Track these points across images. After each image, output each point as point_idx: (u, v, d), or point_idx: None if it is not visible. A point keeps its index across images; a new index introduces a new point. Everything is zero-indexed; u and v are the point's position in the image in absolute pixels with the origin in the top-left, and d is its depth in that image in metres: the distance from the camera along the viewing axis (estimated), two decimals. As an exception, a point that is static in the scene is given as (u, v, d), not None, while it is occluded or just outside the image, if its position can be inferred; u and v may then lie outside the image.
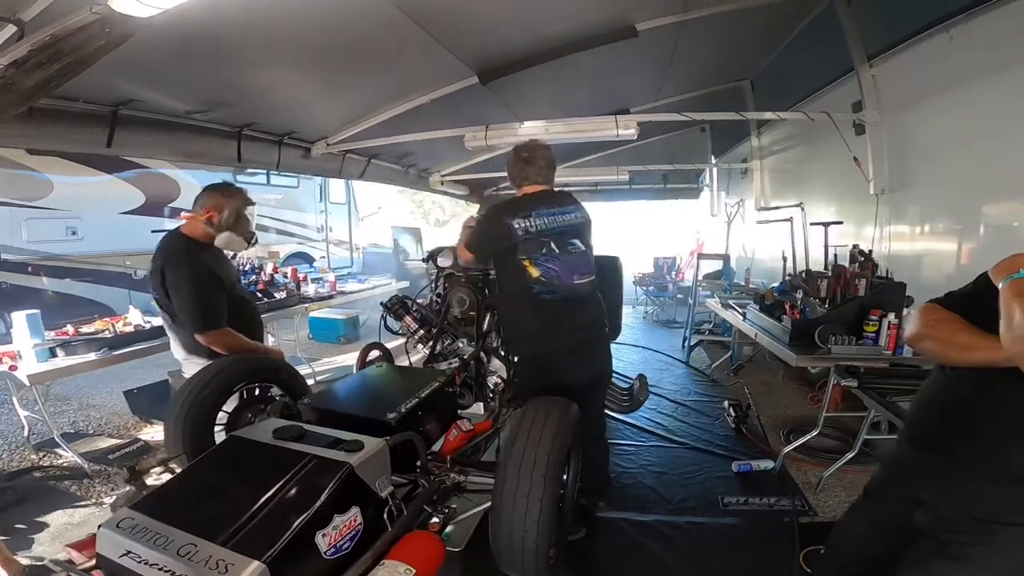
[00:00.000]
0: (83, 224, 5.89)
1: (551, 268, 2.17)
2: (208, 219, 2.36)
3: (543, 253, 2.16)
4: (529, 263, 2.16)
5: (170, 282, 2.26)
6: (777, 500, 2.80)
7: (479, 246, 2.34)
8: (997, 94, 2.56)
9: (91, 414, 4.24)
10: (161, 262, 2.30)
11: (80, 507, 2.82)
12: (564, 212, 2.24)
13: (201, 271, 2.29)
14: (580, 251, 2.24)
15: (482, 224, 2.38)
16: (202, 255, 2.35)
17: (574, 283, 2.21)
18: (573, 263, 2.21)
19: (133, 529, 1.15)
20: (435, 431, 1.92)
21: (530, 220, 2.15)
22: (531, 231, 2.15)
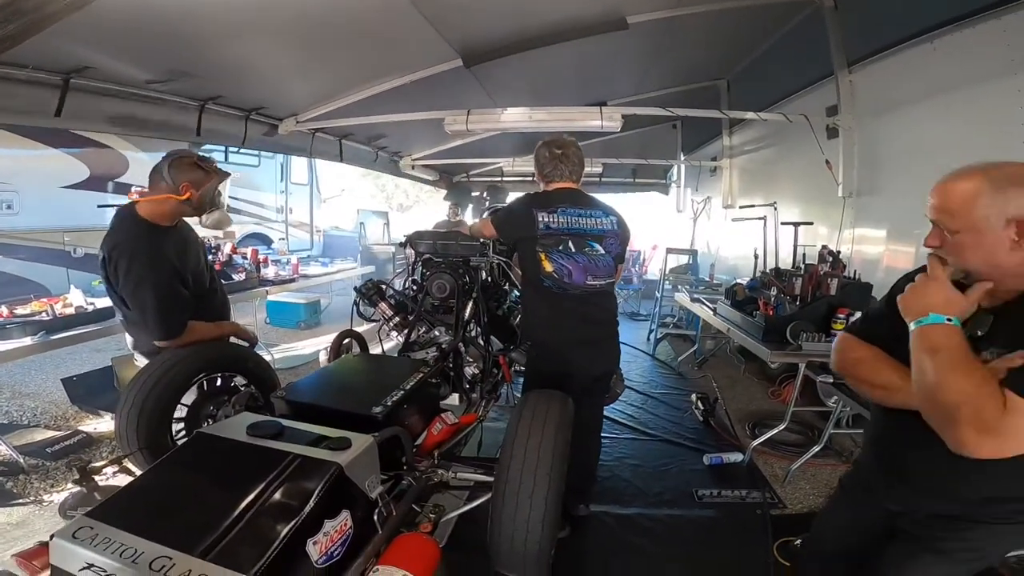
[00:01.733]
0: (19, 198, 5.43)
1: (564, 266, 2.19)
2: (187, 199, 1.99)
3: (559, 250, 2.19)
4: (544, 256, 2.19)
5: (124, 277, 1.90)
6: (748, 493, 2.86)
7: (503, 226, 2.37)
8: (970, 106, 2.64)
9: (25, 403, 3.92)
10: (113, 251, 1.92)
11: (18, 505, 2.61)
12: (590, 215, 2.24)
13: (164, 267, 1.95)
14: (598, 255, 2.23)
15: (513, 207, 2.43)
16: (163, 244, 1.99)
17: (586, 283, 2.22)
18: (588, 265, 2.21)
19: (93, 539, 1.02)
20: (418, 425, 1.83)
21: (553, 216, 2.19)
22: (552, 226, 2.19)
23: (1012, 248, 1.00)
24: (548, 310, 2.27)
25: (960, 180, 1.05)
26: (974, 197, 1.01)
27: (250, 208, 8.78)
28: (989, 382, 0.95)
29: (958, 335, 1.02)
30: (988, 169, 1.03)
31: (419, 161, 6.18)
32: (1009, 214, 0.98)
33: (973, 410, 0.94)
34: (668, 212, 8.05)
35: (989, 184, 1.00)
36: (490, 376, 2.54)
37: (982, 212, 1.00)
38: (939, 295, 1.06)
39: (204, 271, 2.22)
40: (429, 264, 2.64)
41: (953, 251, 1.07)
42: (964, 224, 1.03)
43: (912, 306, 1.10)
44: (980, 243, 1.02)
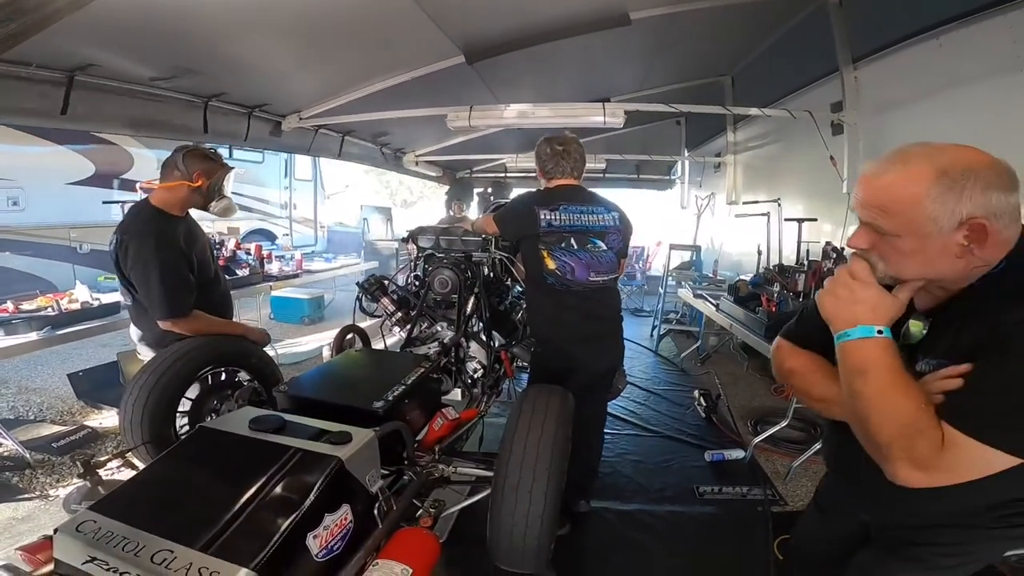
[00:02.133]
0: (25, 194, 5.46)
1: (567, 263, 2.20)
2: (199, 187, 2.14)
3: (562, 247, 2.20)
4: (547, 254, 2.21)
5: (133, 259, 2.00)
6: (749, 489, 2.86)
7: (504, 224, 2.38)
8: (976, 102, 2.62)
9: (31, 398, 3.95)
10: (125, 235, 2.05)
11: (24, 500, 2.63)
12: (592, 212, 2.25)
13: (171, 250, 2.06)
14: (601, 251, 2.24)
15: (514, 205, 2.45)
16: (174, 230, 2.11)
17: (588, 280, 2.23)
18: (590, 261, 2.22)
19: (96, 533, 1.02)
20: (419, 420, 1.83)
21: (556, 213, 2.20)
22: (554, 224, 2.19)
23: (959, 255, 0.84)
24: (552, 307, 2.28)
25: (901, 170, 0.85)
26: (920, 193, 0.82)
27: (254, 204, 8.80)
28: (924, 412, 0.83)
29: (890, 352, 0.88)
30: (933, 155, 0.84)
31: (422, 157, 6.18)
32: (963, 214, 0.81)
33: (906, 445, 0.83)
34: (672, 208, 8.03)
35: (939, 176, 0.82)
36: (492, 371, 2.55)
37: (929, 212, 0.82)
38: (866, 301, 0.90)
39: (209, 262, 2.30)
40: (431, 259, 2.64)
41: (886, 256, 0.90)
42: (904, 226, 0.85)
43: (835, 313, 0.93)
44: (921, 249, 0.86)
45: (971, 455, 0.80)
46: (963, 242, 0.83)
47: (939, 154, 0.84)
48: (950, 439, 0.81)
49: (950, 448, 0.81)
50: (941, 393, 0.85)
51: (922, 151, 0.86)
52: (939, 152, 0.85)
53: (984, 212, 0.81)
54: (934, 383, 0.86)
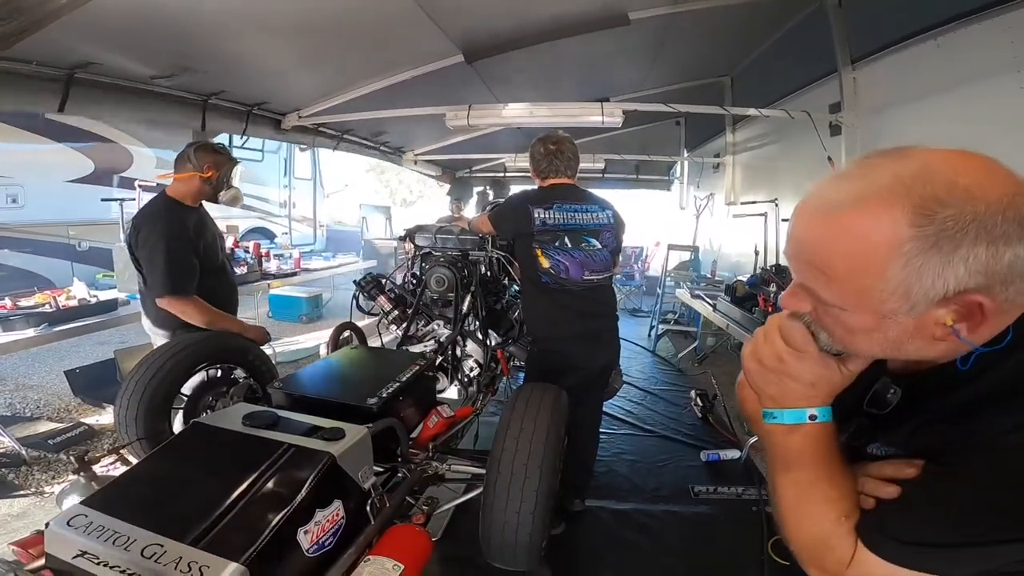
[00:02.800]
0: (25, 192, 5.47)
1: (560, 261, 2.21)
2: (209, 178, 2.30)
3: (556, 246, 2.21)
4: (541, 253, 2.21)
5: (143, 240, 2.14)
6: (744, 489, 2.87)
7: (499, 222, 2.39)
8: (975, 103, 2.61)
9: (28, 395, 3.96)
10: (139, 219, 2.22)
11: (19, 497, 2.64)
12: (585, 210, 2.26)
13: (180, 233, 2.18)
14: (595, 249, 2.25)
15: (509, 204, 2.46)
16: (185, 218, 2.25)
17: (583, 278, 2.23)
18: (585, 260, 2.23)
19: (87, 527, 1.02)
20: (414, 418, 1.84)
21: (549, 212, 2.21)
22: (548, 223, 2.21)
23: (940, 337, 0.58)
24: (547, 306, 2.29)
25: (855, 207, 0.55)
26: (884, 254, 0.53)
27: (254, 203, 8.80)
28: (841, 526, 0.67)
29: (822, 444, 0.69)
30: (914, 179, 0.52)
31: (421, 156, 6.18)
32: (950, 286, 0.52)
33: (815, 556, 0.70)
34: (671, 209, 8.04)
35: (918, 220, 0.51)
36: (488, 370, 2.55)
37: (895, 283, 0.54)
38: (800, 377, 0.68)
39: (217, 251, 2.41)
40: (428, 258, 2.65)
41: (829, 328, 0.65)
42: (854, 300, 0.58)
43: (760, 386, 0.72)
44: (879, 328, 0.59)
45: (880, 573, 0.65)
46: (947, 322, 0.56)
47: (925, 174, 0.52)
48: (860, 557, 0.66)
49: (858, 566, 0.66)
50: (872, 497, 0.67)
51: (895, 166, 0.55)
52: (925, 171, 0.53)
53: (986, 280, 0.52)
54: (869, 483, 0.68)
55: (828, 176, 0.61)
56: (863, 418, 0.77)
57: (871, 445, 0.74)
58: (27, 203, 5.49)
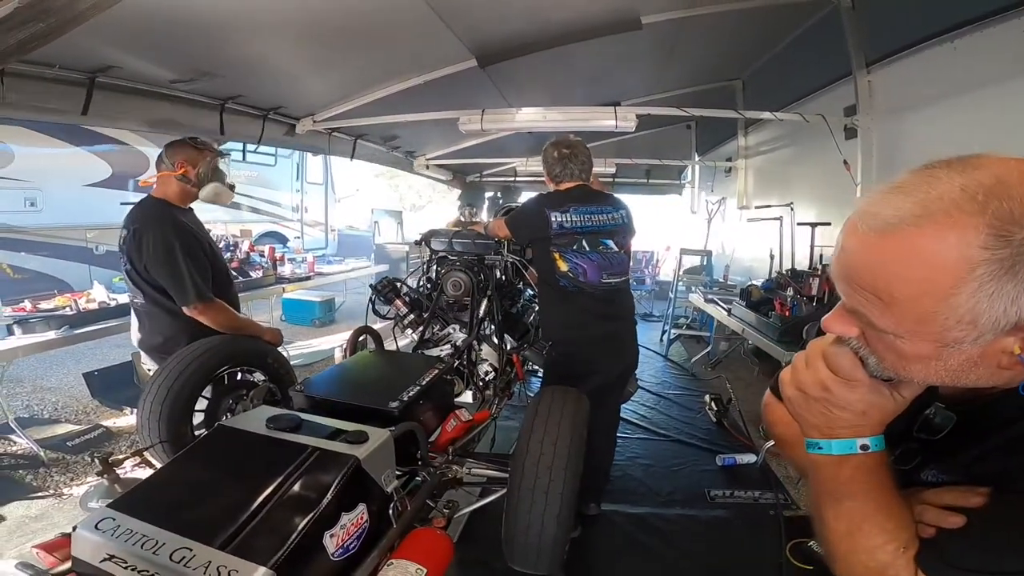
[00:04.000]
0: (43, 195, 5.56)
1: (579, 264, 2.22)
2: (183, 174, 2.16)
3: (573, 249, 2.22)
4: (559, 256, 2.23)
5: (153, 247, 2.01)
6: (761, 493, 2.85)
7: (516, 227, 2.39)
8: (993, 106, 2.59)
9: (47, 397, 4.01)
10: (137, 226, 2.06)
11: (38, 498, 2.66)
12: (601, 212, 2.26)
13: (187, 236, 2.09)
14: (612, 252, 2.26)
15: (526, 208, 2.45)
16: (183, 219, 2.17)
17: (601, 281, 2.24)
18: (602, 263, 2.24)
19: (115, 531, 1.02)
20: (433, 421, 1.84)
21: (566, 216, 2.21)
22: (565, 226, 2.22)
23: (1006, 366, 0.53)
24: (565, 310, 2.29)
25: (918, 222, 0.49)
26: (953, 279, 0.48)
27: (267, 207, 8.89)
28: (899, 559, 0.61)
29: (876, 475, 0.64)
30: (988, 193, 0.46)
31: (433, 161, 6.21)
32: (1022, 313, 0.47)
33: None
34: (682, 213, 8.00)
35: (994, 242, 0.46)
36: (504, 374, 2.55)
37: (963, 310, 0.48)
38: (850, 407, 0.63)
39: (218, 254, 2.34)
40: (444, 262, 2.65)
41: (879, 354, 0.59)
42: (913, 328, 0.53)
43: (804, 416, 0.67)
44: (939, 357, 0.54)
45: None
46: (1014, 351, 0.50)
47: (999, 191, 0.46)
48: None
49: None
50: (933, 526, 0.62)
51: (962, 178, 0.48)
52: (999, 187, 0.47)
53: None
54: (929, 512, 0.63)
55: (883, 188, 0.54)
56: (912, 443, 0.72)
57: (925, 471, 0.70)
58: (45, 207, 5.57)
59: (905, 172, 0.54)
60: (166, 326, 2.14)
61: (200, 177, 2.21)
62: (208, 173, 2.23)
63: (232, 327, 2.15)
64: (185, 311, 2.06)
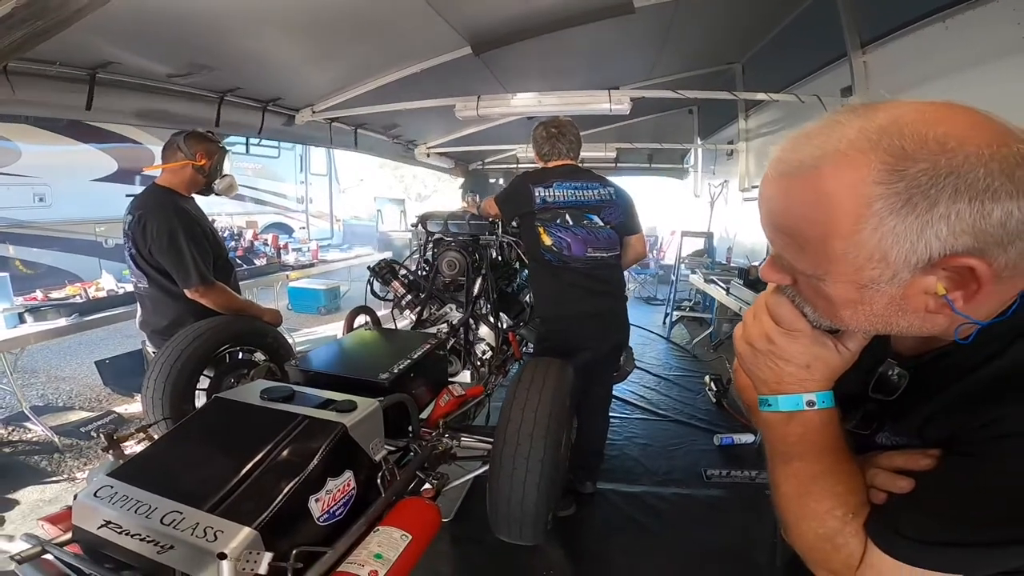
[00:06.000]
0: (52, 191, 5.67)
1: (563, 238, 2.25)
2: (202, 166, 2.24)
3: (556, 223, 2.25)
4: (543, 230, 2.27)
5: (157, 231, 2.07)
6: (758, 473, 2.84)
7: (504, 204, 2.44)
8: (987, 85, 2.57)
9: (60, 386, 4.11)
10: (141, 211, 2.12)
11: (52, 483, 2.74)
12: (587, 188, 2.28)
13: (190, 222, 2.15)
14: (598, 227, 2.28)
15: (512, 185, 2.49)
16: (186, 206, 2.23)
17: (586, 255, 2.26)
18: (587, 237, 2.26)
19: (112, 498, 1.07)
20: (426, 396, 1.88)
21: (549, 191, 2.25)
22: (548, 200, 2.26)
23: (933, 310, 0.52)
24: (552, 284, 2.33)
25: (818, 164, 0.50)
26: (850, 215, 0.49)
27: (271, 198, 8.97)
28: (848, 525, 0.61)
29: (824, 433, 0.63)
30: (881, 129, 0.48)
31: (434, 149, 6.23)
32: (933, 250, 0.47)
33: (821, 558, 0.65)
34: (685, 197, 7.98)
35: (888, 176, 0.47)
36: (500, 352, 2.59)
37: (868, 247, 0.49)
38: (794, 358, 0.62)
39: (220, 241, 2.40)
40: (440, 244, 2.69)
41: (814, 303, 0.60)
42: (827, 268, 0.53)
43: (753, 371, 0.67)
44: (862, 300, 0.54)
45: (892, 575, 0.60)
46: (938, 292, 0.50)
47: (892, 127, 0.48)
48: (871, 558, 0.60)
49: (869, 569, 0.61)
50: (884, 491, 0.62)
51: (861, 120, 0.50)
52: (892, 124, 0.48)
53: (975, 242, 0.46)
54: (880, 475, 0.63)
55: (793, 135, 0.55)
56: (869, 404, 0.70)
57: (879, 434, 0.69)
58: (54, 202, 5.68)
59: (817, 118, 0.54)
60: (170, 309, 2.20)
61: (213, 170, 2.30)
62: (220, 167, 2.33)
63: (233, 308, 2.20)
64: (187, 293, 2.12)
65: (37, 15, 1.52)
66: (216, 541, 0.96)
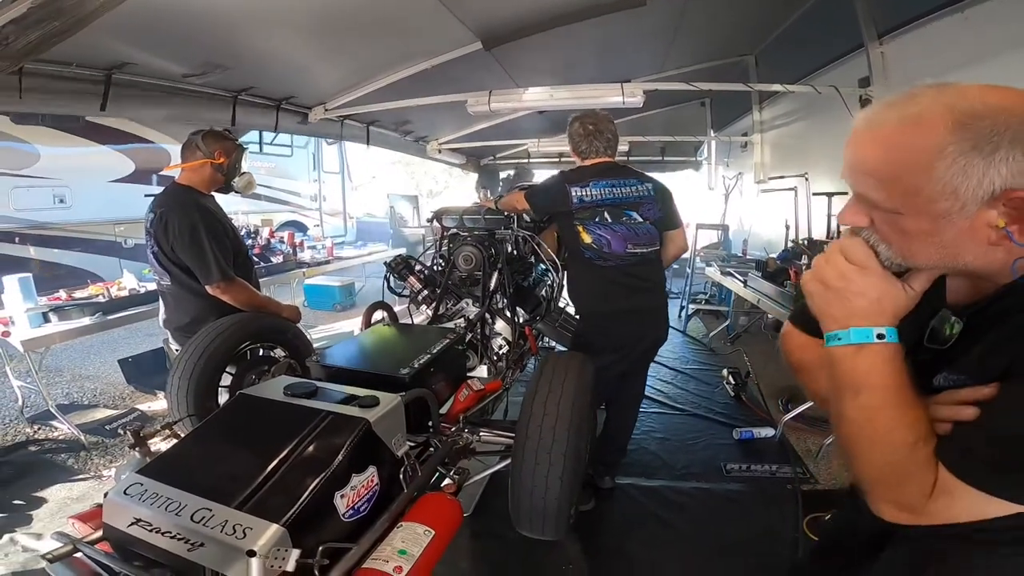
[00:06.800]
0: (71, 192, 5.76)
1: (602, 236, 2.25)
2: (221, 164, 2.27)
3: (596, 221, 2.25)
4: (582, 229, 2.27)
5: (178, 228, 2.10)
6: (779, 467, 2.83)
7: (536, 200, 2.42)
8: (1006, 75, 2.52)
9: (85, 385, 4.18)
10: (164, 210, 2.15)
11: (79, 481, 2.78)
12: (624, 184, 2.28)
13: (211, 219, 2.19)
14: (637, 223, 2.28)
15: (548, 183, 2.48)
16: (207, 204, 2.27)
17: (626, 251, 2.26)
18: (627, 233, 2.26)
19: (142, 495, 1.08)
20: (445, 391, 1.88)
21: (587, 189, 2.25)
22: (586, 200, 2.25)
23: (994, 242, 0.61)
24: (592, 281, 2.32)
25: (902, 119, 0.62)
26: (929, 154, 0.59)
27: (286, 197, 9.04)
28: (919, 452, 0.65)
29: (891, 365, 0.67)
30: (952, 97, 0.60)
31: (445, 145, 6.23)
32: (996, 185, 0.57)
33: (891, 489, 0.69)
34: (700, 189, 7.91)
35: (958, 127, 0.58)
36: (517, 347, 2.59)
37: (943, 181, 0.59)
38: (865, 293, 0.68)
39: (239, 238, 2.43)
40: (455, 239, 2.69)
41: (887, 238, 0.68)
42: (907, 201, 0.62)
43: (824, 308, 0.72)
44: (935, 232, 0.63)
45: (967, 503, 0.64)
46: (998, 224, 0.59)
47: (960, 96, 0.59)
48: (943, 484, 0.64)
49: (942, 495, 0.65)
50: (949, 422, 0.66)
51: (935, 92, 0.61)
52: (960, 94, 0.59)
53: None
54: (944, 409, 0.67)
55: (875, 103, 0.67)
56: (926, 354, 0.75)
57: (937, 377, 0.73)
58: (74, 203, 5.77)
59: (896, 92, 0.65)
60: (192, 306, 2.24)
61: (231, 168, 2.33)
62: (238, 164, 2.36)
63: (253, 305, 2.23)
64: (208, 290, 2.15)
65: (53, 16, 1.54)
66: (245, 538, 0.96)
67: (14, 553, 2.14)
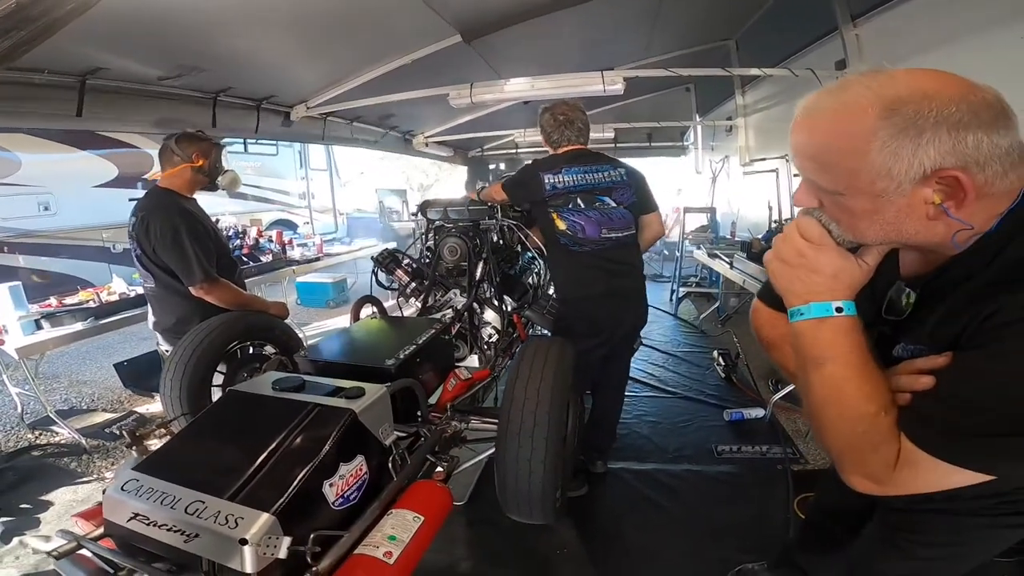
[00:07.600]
0: (55, 199, 5.71)
1: (576, 222, 2.27)
2: (200, 166, 2.27)
3: (569, 207, 2.27)
4: (556, 216, 2.28)
5: (160, 230, 2.12)
6: (769, 448, 2.86)
7: (512, 190, 2.46)
8: (977, 55, 2.54)
9: (83, 390, 4.19)
10: (145, 213, 2.17)
11: (83, 483, 2.80)
12: (596, 170, 2.30)
13: (192, 221, 2.20)
14: (611, 207, 2.30)
15: (520, 172, 2.50)
16: (188, 206, 2.27)
17: (601, 236, 2.28)
18: (600, 218, 2.28)
19: (139, 490, 1.12)
20: (433, 380, 1.92)
21: (559, 176, 2.26)
22: (558, 187, 2.27)
23: (932, 217, 0.66)
24: (570, 267, 2.35)
25: (834, 107, 0.67)
26: (862, 138, 0.64)
27: (273, 196, 8.99)
28: (881, 422, 0.69)
29: (852, 336, 0.72)
30: (880, 85, 0.64)
31: (432, 139, 6.22)
32: (926, 164, 0.62)
33: (857, 459, 0.72)
34: (687, 174, 7.94)
35: (886, 113, 0.62)
36: (506, 335, 2.62)
37: (877, 163, 0.64)
38: (822, 269, 0.73)
39: (222, 239, 2.43)
40: (441, 231, 2.71)
41: (836, 217, 0.73)
42: (847, 183, 0.67)
43: (786, 285, 0.77)
44: (877, 210, 0.68)
45: (930, 473, 0.67)
46: (934, 200, 0.64)
47: (889, 83, 0.64)
48: (907, 455, 0.68)
49: (906, 466, 0.68)
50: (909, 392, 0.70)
51: (866, 80, 0.66)
52: (889, 81, 0.64)
53: (957, 161, 0.61)
54: (903, 379, 0.72)
55: (813, 93, 0.71)
56: (884, 327, 0.81)
57: (896, 347, 0.79)
58: (59, 210, 5.72)
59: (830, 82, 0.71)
60: (177, 307, 2.26)
61: (212, 167, 2.33)
62: (219, 163, 2.36)
63: (238, 303, 2.25)
64: (192, 291, 2.17)
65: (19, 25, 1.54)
66: (237, 528, 0.99)
67: (24, 556, 2.18)
